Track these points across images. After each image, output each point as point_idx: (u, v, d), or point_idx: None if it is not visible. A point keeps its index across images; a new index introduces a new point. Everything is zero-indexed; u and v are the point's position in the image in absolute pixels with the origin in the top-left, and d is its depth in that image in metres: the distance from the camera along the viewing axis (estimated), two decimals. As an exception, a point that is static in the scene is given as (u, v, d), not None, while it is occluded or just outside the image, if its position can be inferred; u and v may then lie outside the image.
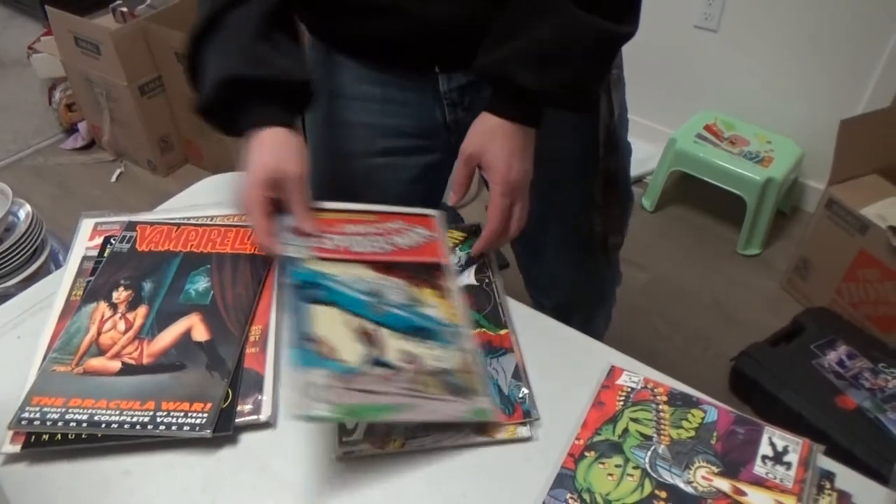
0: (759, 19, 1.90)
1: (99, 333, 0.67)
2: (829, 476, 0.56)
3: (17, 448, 0.59)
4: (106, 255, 0.76)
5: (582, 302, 1.04)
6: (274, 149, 0.71)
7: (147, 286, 0.71)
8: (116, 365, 0.64)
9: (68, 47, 2.21)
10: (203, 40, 0.73)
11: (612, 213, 0.94)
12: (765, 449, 0.57)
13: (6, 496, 0.57)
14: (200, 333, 0.67)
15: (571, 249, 0.82)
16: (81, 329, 0.67)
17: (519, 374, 0.64)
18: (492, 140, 0.72)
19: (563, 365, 0.67)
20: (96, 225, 0.81)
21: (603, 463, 0.56)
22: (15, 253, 1.49)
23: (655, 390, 0.62)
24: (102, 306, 0.69)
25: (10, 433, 0.59)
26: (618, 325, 1.22)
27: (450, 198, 0.76)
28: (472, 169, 0.74)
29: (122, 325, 0.67)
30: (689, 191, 2.13)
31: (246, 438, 0.61)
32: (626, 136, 0.97)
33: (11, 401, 0.61)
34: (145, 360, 0.64)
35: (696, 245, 2.03)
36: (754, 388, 1.51)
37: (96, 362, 0.64)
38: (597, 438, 0.58)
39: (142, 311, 0.69)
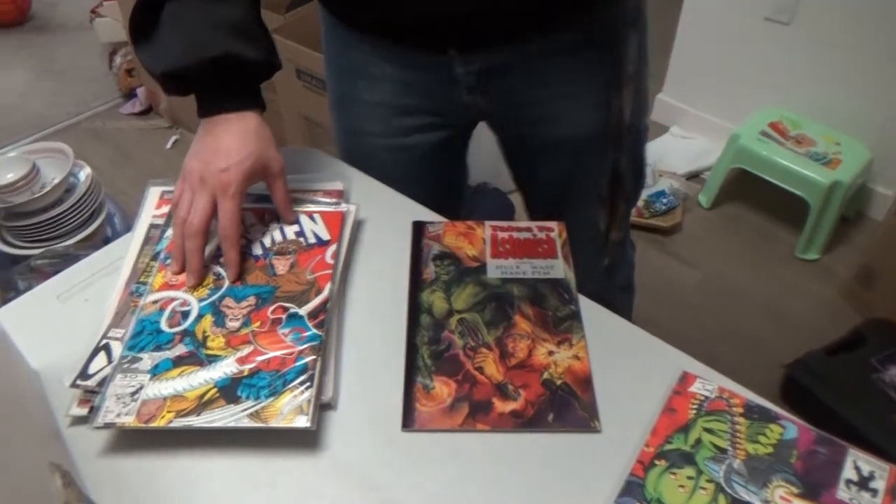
0: (836, 13, 1.81)
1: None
2: (916, 506, 0.53)
3: (84, 411, 0.59)
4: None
5: (603, 293, 1.04)
6: (258, 135, 0.70)
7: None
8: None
9: (131, 12, 2.23)
10: None
11: (618, 210, 0.92)
12: (849, 472, 0.54)
13: (72, 458, 0.58)
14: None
15: (584, 243, 0.81)
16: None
17: None
18: None
19: (630, 366, 0.64)
20: (163, 193, 0.81)
21: (674, 473, 0.54)
22: (75, 213, 1.52)
23: (731, 401, 0.59)
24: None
25: (78, 396, 0.60)
26: (667, 321, 1.19)
27: None
28: None
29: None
30: (749, 189, 2.06)
31: (307, 419, 0.60)
32: (645, 120, 0.93)
33: (79, 363, 0.61)
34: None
35: (752, 245, 1.96)
36: (807, 397, 1.46)
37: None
38: (668, 447, 0.56)
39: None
